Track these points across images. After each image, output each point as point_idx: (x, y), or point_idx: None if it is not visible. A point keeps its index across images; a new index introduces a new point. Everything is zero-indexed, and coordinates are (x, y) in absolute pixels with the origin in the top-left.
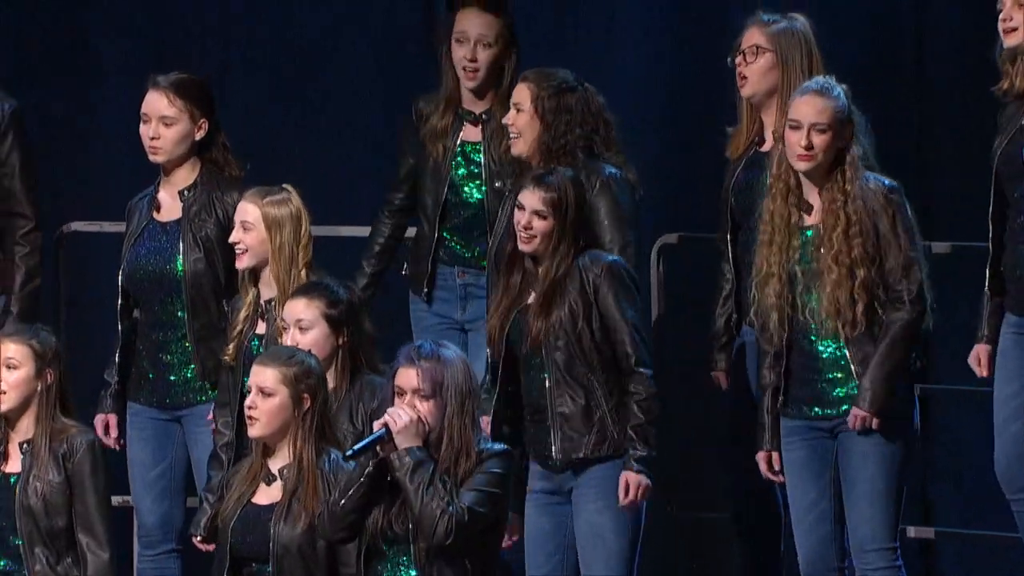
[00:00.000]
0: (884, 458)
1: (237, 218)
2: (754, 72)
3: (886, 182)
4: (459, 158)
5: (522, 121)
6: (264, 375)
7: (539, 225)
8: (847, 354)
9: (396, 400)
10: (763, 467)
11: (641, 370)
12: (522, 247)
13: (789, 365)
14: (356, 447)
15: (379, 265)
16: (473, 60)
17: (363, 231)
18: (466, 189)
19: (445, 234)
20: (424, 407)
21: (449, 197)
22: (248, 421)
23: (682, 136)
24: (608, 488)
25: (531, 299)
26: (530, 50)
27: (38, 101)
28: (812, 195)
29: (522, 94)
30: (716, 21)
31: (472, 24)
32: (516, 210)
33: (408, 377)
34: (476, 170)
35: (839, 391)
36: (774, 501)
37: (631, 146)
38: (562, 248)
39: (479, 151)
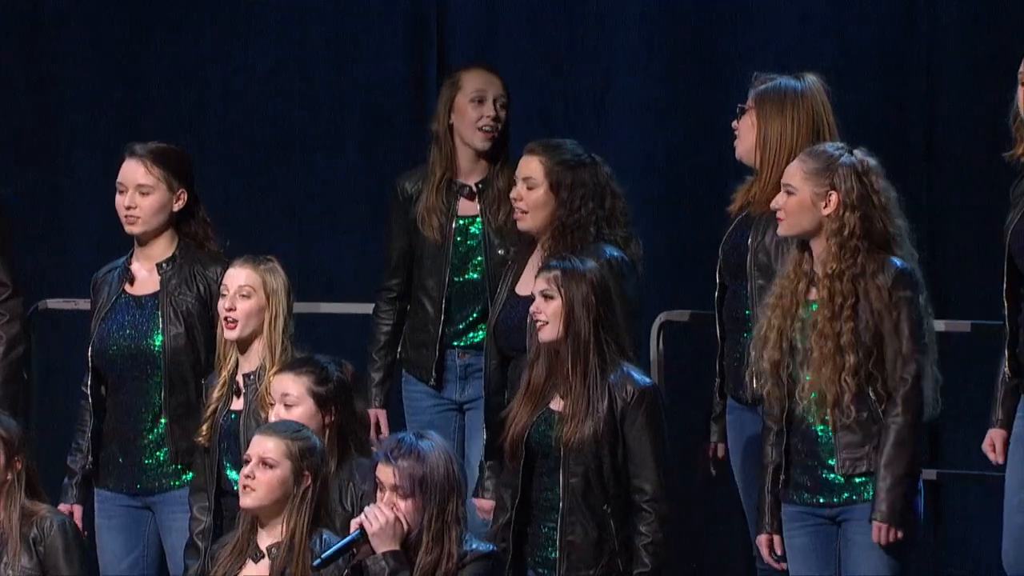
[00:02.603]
0: (888, 551)
1: (230, 284)
2: (740, 131)
3: (898, 265)
4: (458, 236)
5: (534, 197)
6: (266, 445)
7: (547, 308)
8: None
9: (377, 494)
10: (764, 552)
11: (653, 509)
12: (539, 336)
13: (789, 446)
14: (327, 553)
15: (389, 355)
16: (496, 119)
17: (340, 308)
18: (468, 267)
19: (454, 315)
20: (403, 506)
21: (452, 277)
22: (242, 490)
23: (681, 210)
24: None
25: (556, 403)
26: (521, 124)
27: (8, 178)
28: (820, 268)
29: (532, 168)
30: (714, 91)
31: (490, 83)
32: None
33: (386, 474)
34: (474, 243)
35: (840, 478)
36: None
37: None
38: (581, 340)
39: (477, 224)
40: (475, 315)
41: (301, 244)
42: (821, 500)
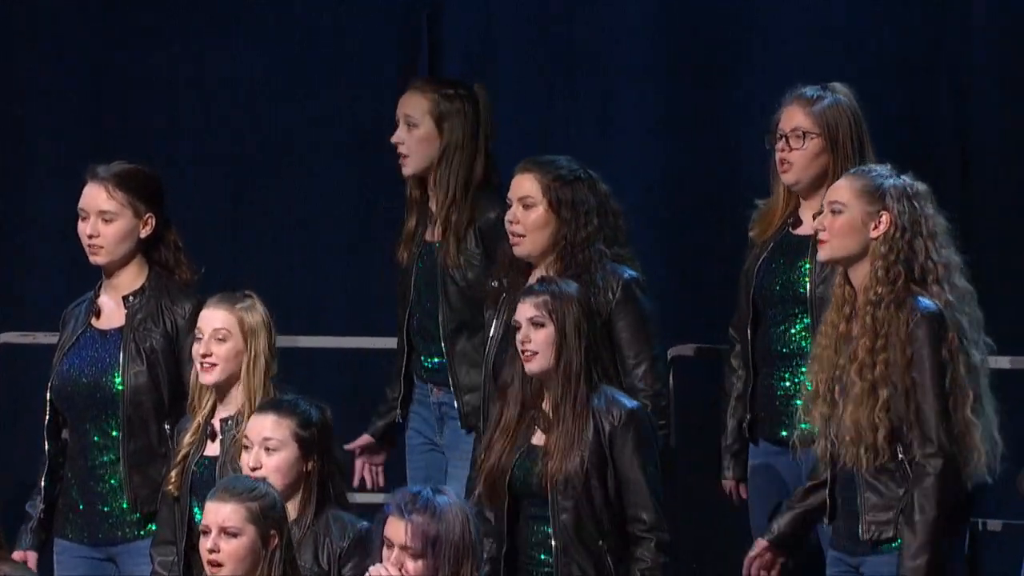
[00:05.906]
0: None
1: (205, 328)
2: (799, 158)
3: (921, 307)
4: (419, 263)
5: (533, 218)
6: (224, 512)
7: (537, 337)
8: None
9: (384, 551)
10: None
11: (652, 536)
12: (528, 368)
13: (834, 495)
14: None
15: (400, 390)
16: (399, 142)
17: (325, 341)
18: (426, 296)
19: (418, 348)
20: (411, 567)
21: (414, 306)
22: (208, 568)
23: (689, 239)
24: None
25: (537, 438)
26: (518, 141)
27: None
28: (862, 296)
29: (528, 186)
30: (718, 112)
31: (403, 102)
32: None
33: (397, 530)
34: (435, 273)
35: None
36: None
37: (636, 252)
38: (573, 369)
39: (435, 253)
40: (438, 348)
41: (282, 270)
42: (847, 546)
